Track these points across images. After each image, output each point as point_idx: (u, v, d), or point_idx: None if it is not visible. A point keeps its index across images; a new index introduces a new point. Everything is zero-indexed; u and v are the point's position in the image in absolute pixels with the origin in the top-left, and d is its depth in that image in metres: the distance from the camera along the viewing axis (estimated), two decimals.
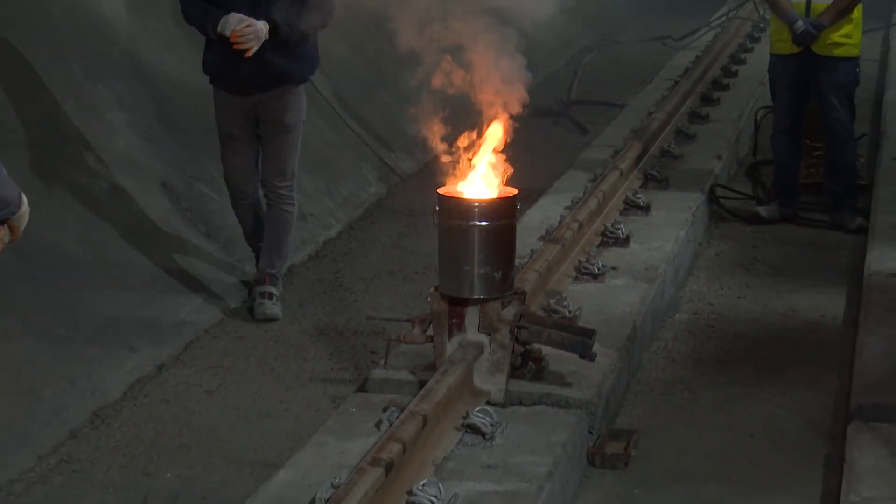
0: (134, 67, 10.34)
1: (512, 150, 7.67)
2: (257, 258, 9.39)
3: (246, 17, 8.56)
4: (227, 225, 9.88)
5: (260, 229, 9.31)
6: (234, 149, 9.06)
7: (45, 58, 9.67)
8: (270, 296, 9.11)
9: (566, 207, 9.66)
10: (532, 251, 8.56)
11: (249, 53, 8.58)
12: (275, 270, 9.21)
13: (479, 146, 7.39)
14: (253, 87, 8.85)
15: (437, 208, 7.19)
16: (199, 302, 9.03)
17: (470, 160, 7.36)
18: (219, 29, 8.59)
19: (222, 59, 8.77)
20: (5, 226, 5.63)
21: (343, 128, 12.35)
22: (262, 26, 8.57)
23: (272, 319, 9.02)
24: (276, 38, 8.67)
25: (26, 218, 5.68)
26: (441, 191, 7.24)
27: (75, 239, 8.74)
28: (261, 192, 9.29)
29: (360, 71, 13.35)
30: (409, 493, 5.87)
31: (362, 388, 7.30)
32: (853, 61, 10.82)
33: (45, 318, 7.98)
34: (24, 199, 5.62)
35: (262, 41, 8.60)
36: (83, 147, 9.47)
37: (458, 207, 7.11)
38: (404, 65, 13.86)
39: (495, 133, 7.41)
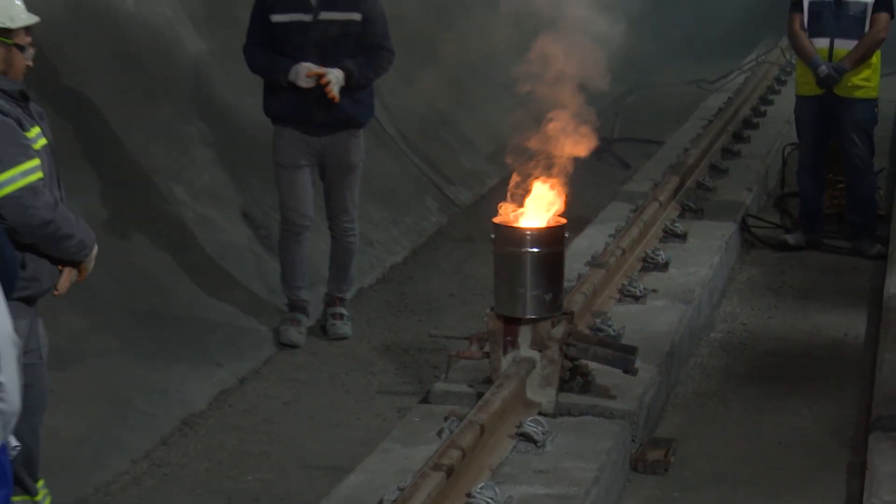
0: (217, 109, 10.40)
1: (561, 184, 7.70)
2: (289, 289, 9.12)
3: (315, 66, 8.49)
4: (318, 248, 9.91)
5: (304, 265, 9.14)
6: (297, 182, 8.89)
7: (141, 100, 9.74)
8: (341, 316, 9.08)
9: (610, 235, 9.63)
10: (579, 275, 8.55)
11: (336, 98, 8.50)
12: (343, 294, 9.19)
13: (534, 180, 7.41)
14: (322, 129, 8.73)
15: (493, 236, 7.21)
16: (276, 320, 9.05)
17: (525, 192, 7.38)
18: (290, 77, 8.51)
19: (294, 104, 8.63)
20: (76, 267, 5.71)
21: (407, 163, 12.38)
22: (338, 73, 8.48)
23: (343, 338, 8.99)
24: (348, 85, 8.56)
25: (94, 261, 5.77)
26: (497, 220, 7.26)
27: (166, 264, 8.79)
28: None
29: (423, 111, 13.37)
30: (468, 495, 5.87)
31: (425, 400, 7.31)
32: (872, 102, 10.80)
33: (138, 336, 8.03)
34: (95, 244, 5.72)
35: (340, 87, 8.50)
36: (173, 180, 9.53)
37: (512, 236, 7.12)
38: (463, 106, 13.96)
39: (551, 170, 7.44)
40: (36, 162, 5.37)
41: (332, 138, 8.78)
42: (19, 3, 5.56)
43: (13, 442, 3.44)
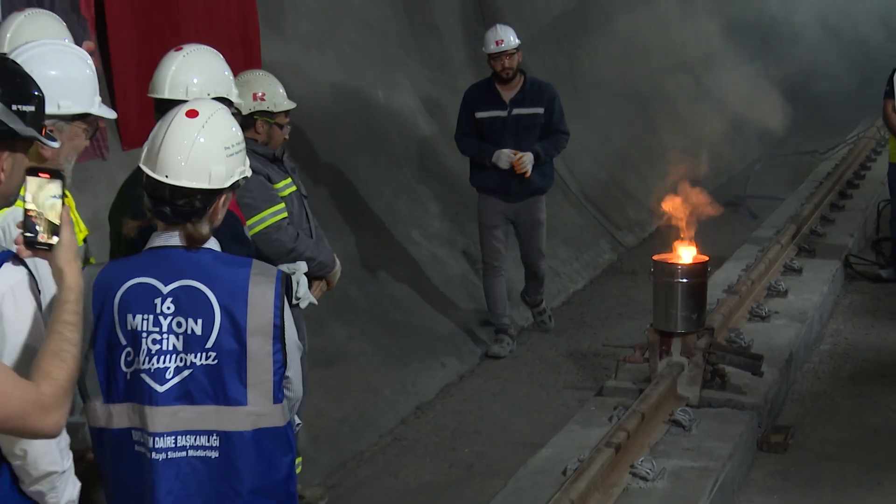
0: (444, 174, 10.50)
1: (704, 231, 7.64)
2: (494, 317, 9.03)
3: (511, 151, 8.48)
4: (507, 281, 9.92)
5: (504, 297, 9.01)
6: (495, 237, 8.78)
7: (388, 167, 9.89)
8: (543, 311, 9.39)
9: (742, 270, 9.52)
10: (718, 300, 8.44)
11: (528, 175, 8.47)
12: (539, 297, 9.31)
13: (684, 227, 7.40)
14: (516, 197, 8.68)
15: (653, 269, 7.19)
16: (489, 331, 9.08)
17: (678, 237, 7.39)
18: (493, 160, 8.51)
19: (497, 179, 8.57)
20: (324, 280, 5.83)
21: (586, 214, 12.35)
22: (530, 156, 8.47)
23: (546, 331, 9.36)
24: (536, 163, 8.54)
25: (339, 274, 5.88)
26: (655, 257, 7.27)
27: (406, 288, 8.89)
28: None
29: (598, 175, 13.35)
30: (632, 466, 5.85)
31: (599, 394, 7.29)
32: None
33: (385, 343, 8.13)
34: (338, 261, 5.80)
35: (531, 166, 8.49)
36: (412, 227, 9.64)
37: (667, 269, 7.10)
38: (628, 169, 13.91)
39: (692, 220, 7.43)
40: (281, 206, 5.54)
41: (523, 203, 8.72)
42: (282, 91, 5.69)
43: (297, 420, 3.49)
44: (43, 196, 2.90)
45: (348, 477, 6.70)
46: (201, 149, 3.32)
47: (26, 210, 2.90)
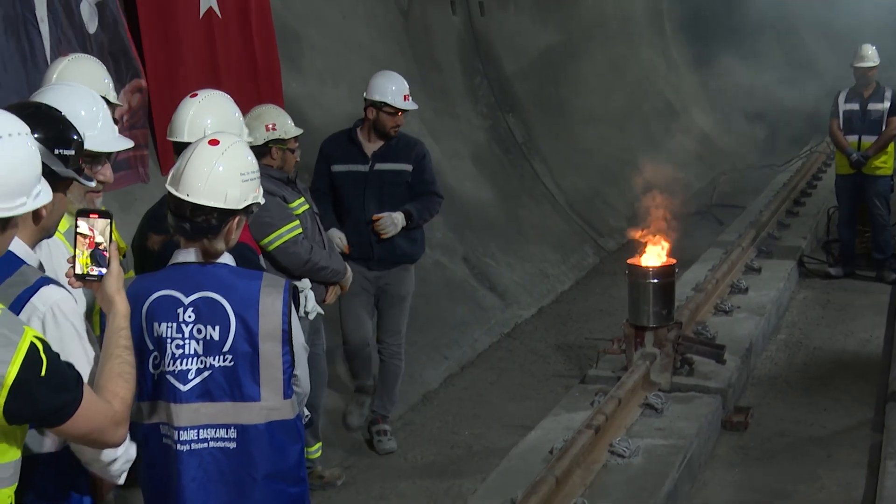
0: (446, 190, 10.39)
1: (676, 236, 7.63)
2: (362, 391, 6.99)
3: (340, 235, 6.47)
4: (502, 283, 9.93)
5: (368, 372, 6.93)
6: (355, 310, 6.65)
7: None
8: (385, 433, 6.85)
9: (709, 270, 9.50)
10: (687, 297, 8.43)
11: (386, 236, 6.49)
12: (387, 412, 6.91)
13: (653, 234, 7.39)
14: (379, 265, 6.63)
15: (627, 271, 7.19)
16: (485, 328, 9.07)
17: (647, 243, 7.38)
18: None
19: (356, 243, 6.50)
20: (338, 286, 5.84)
21: (572, 222, 12.33)
22: (397, 217, 6.48)
23: (390, 453, 6.77)
24: (408, 226, 6.57)
25: (350, 280, 5.89)
26: (629, 260, 7.27)
27: (414, 293, 8.85)
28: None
29: (583, 187, 13.33)
30: (611, 445, 5.85)
31: (583, 381, 7.29)
32: (888, 178, 10.52)
33: None
34: (349, 268, 5.80)
35: (399, 229, 6.51)
36: None
37: (640, 271, 7.09)
38: (609, 183, 13.89)
39: (661, 227, 7.41)
40: (296, 222, 5.57)
41: (388, 272, 6.68)
42: (290, 121, 5.71)
43: (305, 412, 3.52)
44: (95, 232, 2.92)
45: (363, 459, 6.70)
46: (219, 173, 3.37)
47: (76, 245, 2.91)
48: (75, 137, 2.98)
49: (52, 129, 2.94)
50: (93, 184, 3.11)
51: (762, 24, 22.34)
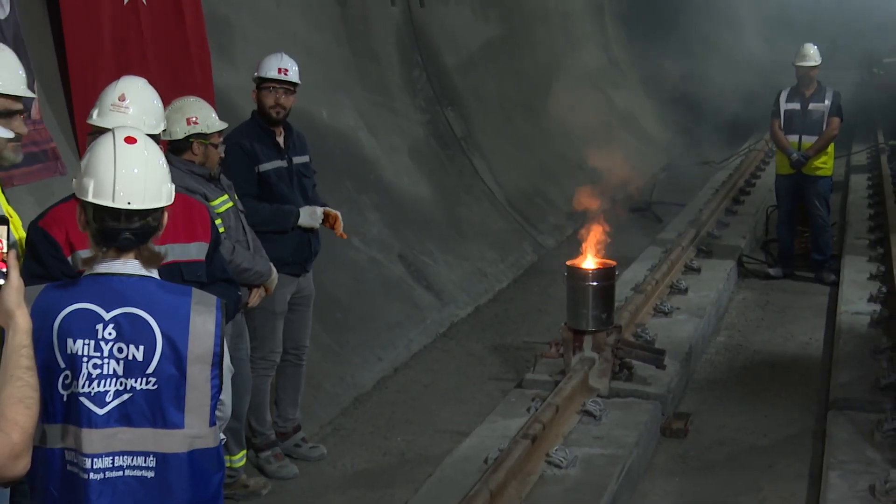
0: (383, 186, 10.20)
1: (614, 234, 7.42)
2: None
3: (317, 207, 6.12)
4: (439, 281, 9.66)
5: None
6: (280, 324, 6.09)
7: (331, 180, 9.56)
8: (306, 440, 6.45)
9: (648, 269, 9.33)
10: (626, 298, 8.23)
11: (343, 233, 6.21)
12: (297, 418, 6.45)
13: (591, 234, 7.17)
14: (307, 266, 6.19)
15: (566, 274, 6.97)
16: (421, 328, 8.80)
17: (585, 243, 7.16)
18: (300, 221, 5.99)
19: (293, 247, 6.00)
20: (262, 287, 5.51)
21: (511, 220, 12.10)
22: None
23: (324, 458, 6.38)
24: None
25: (276, 281, 5.56)
26: (568, 263, 7.06)
27: (347, 289, 8.57)
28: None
29: (522, 185, 13.09)
30: (547, 455, 5.63)
31: (519, 385, 7.06)
32: (828, 178, 10.45)
33: (327, 341, 7.81)
34: (274, 269, 5.48)
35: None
36: (352, 233, 9.26)
37: (578, 273, 6.88)
38: (549, 180, 13.67)
39: (599, 227, 7.20)
40: (218, 221, 5.17)
41: (307, 276, 6.22)
42: (214, 115, 5.37)
43: (221, 436, 3.21)
44: None
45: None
46: (153, 172, 3.10)
47: None
48: None
49: None
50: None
51: (700, 16, 22.38)
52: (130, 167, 3.05)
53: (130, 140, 3.10)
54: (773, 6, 23.79)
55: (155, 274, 3.13)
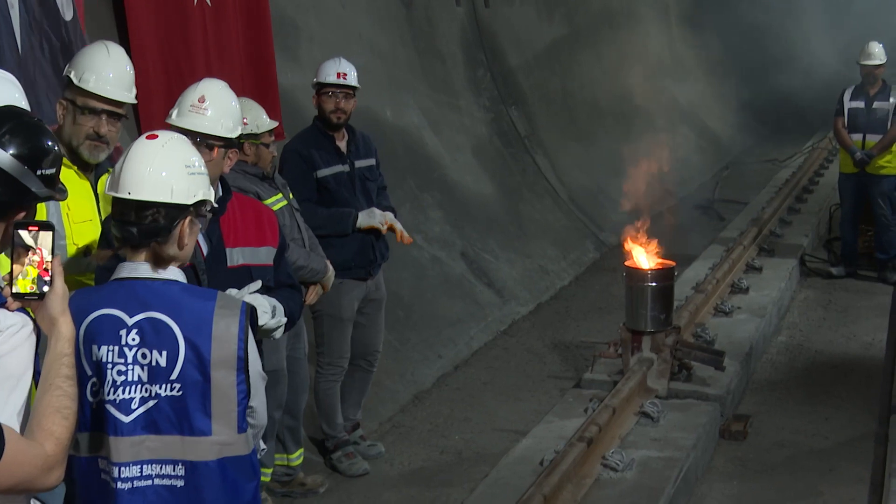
0: (446, 183, 10.11)
1: (675, 233, 7.25)
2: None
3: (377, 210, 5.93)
4: (500, 279, 9.53)
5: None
6: (349, 329, 5.99)
7: (395, 178, 9.47)
8: (364, 437, 6.39)
9: (709, 268, 9.13)
10: (686, 297, 8.05)
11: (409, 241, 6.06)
12: (359, 415, 6.37)
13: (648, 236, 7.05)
14: (373, 270, 6.01)
15: (625, 274, 6.82)
16: (482, 326, 8.69)
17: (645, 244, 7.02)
18: (360, 223, 5.82)
19: (357, 251, 5.85)
20: (319, 285, 5.42)
21: (574, 218, 11.94)
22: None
23: (372, 457, 6.27)
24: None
25: (332, 279, 5.45)
26: (627, 264, 6.90)
27: (410, 287, 8.48)
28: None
29: (585, 183, 12.92)
30: (603, 458, 5.49)
31: (577, 385, 6.93)
32: (892, 177, 10.12)
33: (388, 339, 7.68)
34: (330, 266, 5.36)
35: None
36: (416, 231, 9.20)
37: (637, 274, 6.72)
38: (612, 177, 13.49)
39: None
40: None
41: (376, 280, 6.05)
42: (264, 115, 5.30)
43: (262, 445, 3.11)
44: (37, 246, 2.52)
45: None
46: (162, 164, 2.98)
47: (14, 259, 2.50)
48: (56, 149, 2.57)
49: (31, 140, 2.49)
50: (63, 196, 2.67)
51: (768, 15, 21.98)
52: (139, 160, 2.98)
53: (152, 136, 3.05)
54: (841, 3, 23.27)
55: (181, 277, 3.04)
